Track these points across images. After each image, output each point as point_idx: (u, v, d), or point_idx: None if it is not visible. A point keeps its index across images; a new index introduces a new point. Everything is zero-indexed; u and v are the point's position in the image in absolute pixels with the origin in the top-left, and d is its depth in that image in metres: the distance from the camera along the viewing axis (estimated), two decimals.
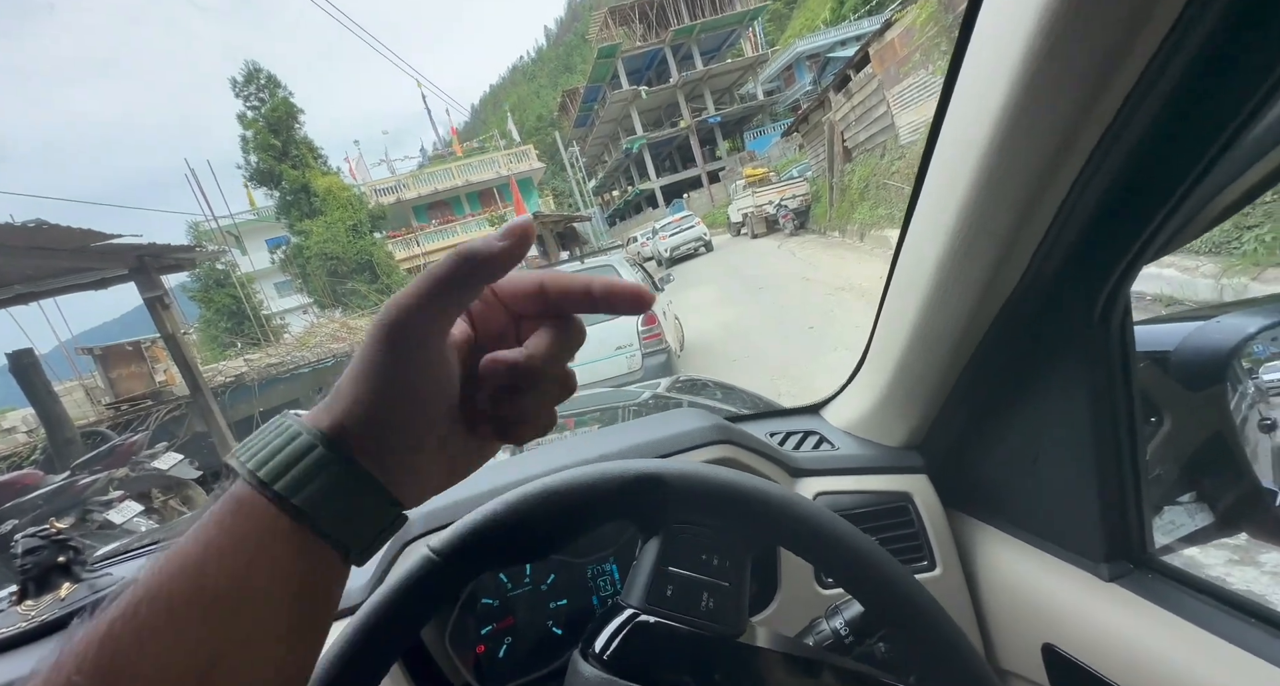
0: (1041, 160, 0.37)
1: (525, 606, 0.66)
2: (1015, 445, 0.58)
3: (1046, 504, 0.57)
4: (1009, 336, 0.51)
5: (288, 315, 19.42)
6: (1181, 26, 0.30)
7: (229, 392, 5.79)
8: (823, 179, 13.05)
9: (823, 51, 27.57)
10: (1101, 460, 0.49)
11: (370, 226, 18.13)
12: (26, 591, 0.54)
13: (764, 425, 0.84)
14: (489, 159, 26.73)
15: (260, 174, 17.45)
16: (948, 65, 0.41)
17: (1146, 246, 0.41)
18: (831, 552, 0.38)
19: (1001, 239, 0.43)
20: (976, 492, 0.66)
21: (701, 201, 30.08)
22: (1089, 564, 0.52)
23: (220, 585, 0.22)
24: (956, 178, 0.42)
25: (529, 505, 0.39)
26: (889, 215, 8.85)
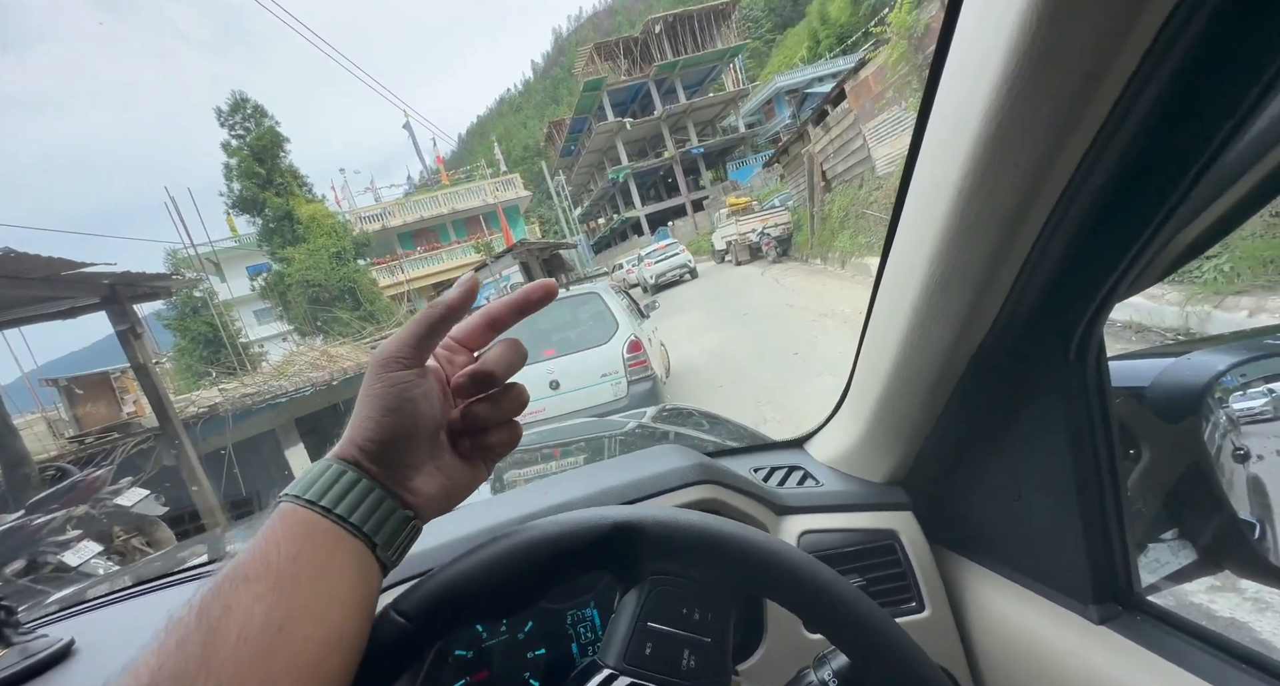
0: (1011, 203, 0.38)
1: (502, 657, 0.63)
2: (998, 482, 0.58)
3: (1032, 542, 0.56)
4: (987, 374, 0.51)
5: (267, 343, 19.06)
6: (1144, 72, 0.30)
7: (201, 424, 5.60)
8: (804, 208, 13.39)
9: (801, 87, 28.72)
10: (1084, 498, 0.49)
11: (354, 253, 18.05)
12: None
13: (748, 460, 0.82)
14: (475, 187, 27.00)
15: (243, 201, 17.36)
16: (919, 104, 0.42)
17: (1117, 286, 0.42)
18: (815, 603, 0.37)
19: (975, 280, 0.43)
20: (963, 530, 0.66)
21: (686, 229, 30.62)
22: (1078, 606, 0.51)
23: (283, 567, 0.29)
24: (929, 220, 0.43)
25: (499, 560, 0.37)
26: (869, 243, 9.08)
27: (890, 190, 8.89)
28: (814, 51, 34.23)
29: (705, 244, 22.76)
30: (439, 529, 0.63)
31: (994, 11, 0.32)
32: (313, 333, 15.84)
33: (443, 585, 0.36)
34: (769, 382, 5.21)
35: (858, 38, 25.24)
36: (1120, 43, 0.29)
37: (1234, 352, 0.52)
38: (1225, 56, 0.30)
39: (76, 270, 3.95)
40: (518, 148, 76.89)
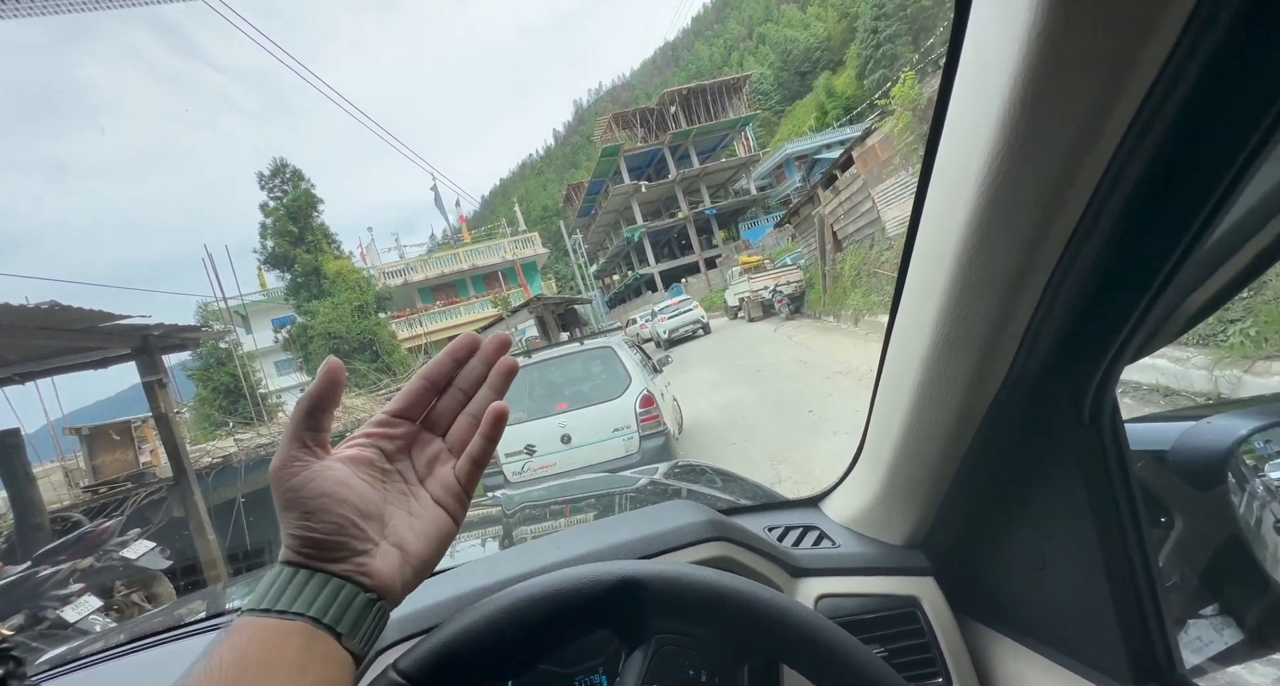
0: (1010, 266, 0.39)
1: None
2: (1020, 548, 0.56)
3: (1061, 614, 0.53)
4: (1000, 436, 0.50)
5: (284, 394, 19.31)
6: (1140, 124, 0.31)
7: (214, 475, 5.59)
8: (816, 267, 13.61)
9: (810, 153, 29.97)
10: (1111, 567, 0.47)
11: (376, 307, 18.57)
12: None
13: (762, 519, 0.80)
14: (495, 244, 28.01)
15: (275, 257, 18.17)
16: (918, 176, 0.44)
17: (1125, 347, 0.42)
18: (834, 670, 0.35)
19: (981, 340, 0.44)
20: (988, 599, 0.63)
21: (699, 286, 31.15)
22: (1115, 685, 0.48)
23: (225, 672, 0.29)
24: (932, 283, 0.44)
25: (505, 616, 0.36)
26: (882, 302, 9.13)
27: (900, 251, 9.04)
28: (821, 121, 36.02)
29: (718, 300, 23.05)
30: (446, 584, 0.62)
31: (984, 87, 0.34)
32: None
33: (443, 643, 0.36)
34: (783, 441, 5.10)
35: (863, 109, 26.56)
36: (1109, 108, 0.30)
37: (1255, 417, 0.52)
38: (1215, 123, 0.31)
39: (113, 322, 4.12)
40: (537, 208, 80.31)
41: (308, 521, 0.33)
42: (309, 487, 0.34)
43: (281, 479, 0.34)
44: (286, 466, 0.35)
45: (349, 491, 0.35)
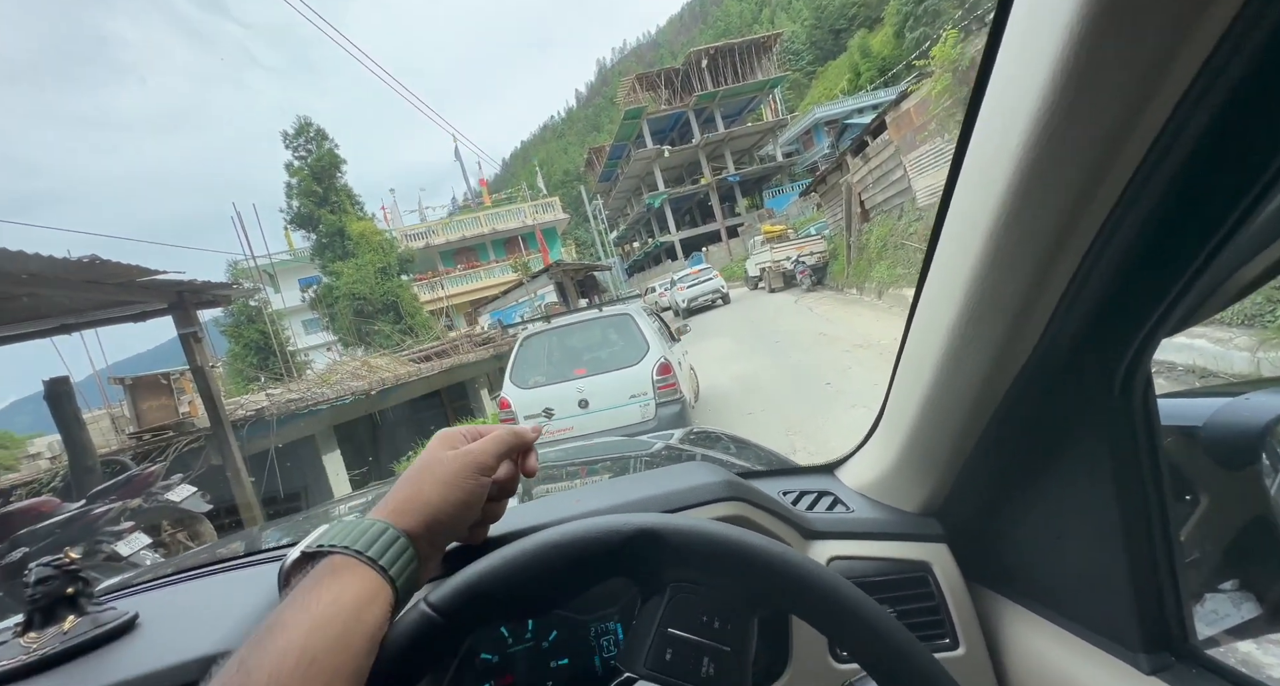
0: (1051, 230, 0.38)
1: (526, 664, 0.64)
2: (1038, 519, 0.56)
3: (1075, 584, 0.54)
4: (1026, 406, 0.50)
5: (312, 352, 19.87)
6: (1202, 83, 0.29)
7: (248, 426, 5.86)
8: (840, 237, 13.26)
9: (840, 118, 28.76)
10: (1131, 539, 0.47)
11: (398, 269, 18.78)
12: (32, 622, 0.54)
13: (777, 483, 0.82)
14: (516, 209, 27.85)
15: (300, 217, 18.39)
16: (958, 135, 0.43)
17: (1165, 318, 0.41)
18: (841, 622, 0.36)
19: (1012, 308, 0.43)
20: (1000, 567, 0.63)
21: (720, 255, 30.68)
22: (1126, 653, 0.49)
23: (321, 610, 0.33)
24: (966, 247, 0.43)
25: (528, 559, 0.38)
26: (907, 275, 8.90)
27: (930, 222, 8.73)
28: (854, 84, 34.36)
29: (739, 270, 22.72)
30: None
31: (1036, 39, 0.32)
32: (355, 344, 16.44)
33: (470, 581, 0.38)
34: (800, 412, 5.10)
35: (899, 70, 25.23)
36: (1170, 63, 0.28)
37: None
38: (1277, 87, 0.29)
39: (150, 277, 4.26)
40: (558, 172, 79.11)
41: (459, 511, 0.44)
42: (483, 492, 0.46)
43: (477, 470, 0.45)
44: (485, 467, 0.46)
45: (477, 512, 0.46)
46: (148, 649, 0.55)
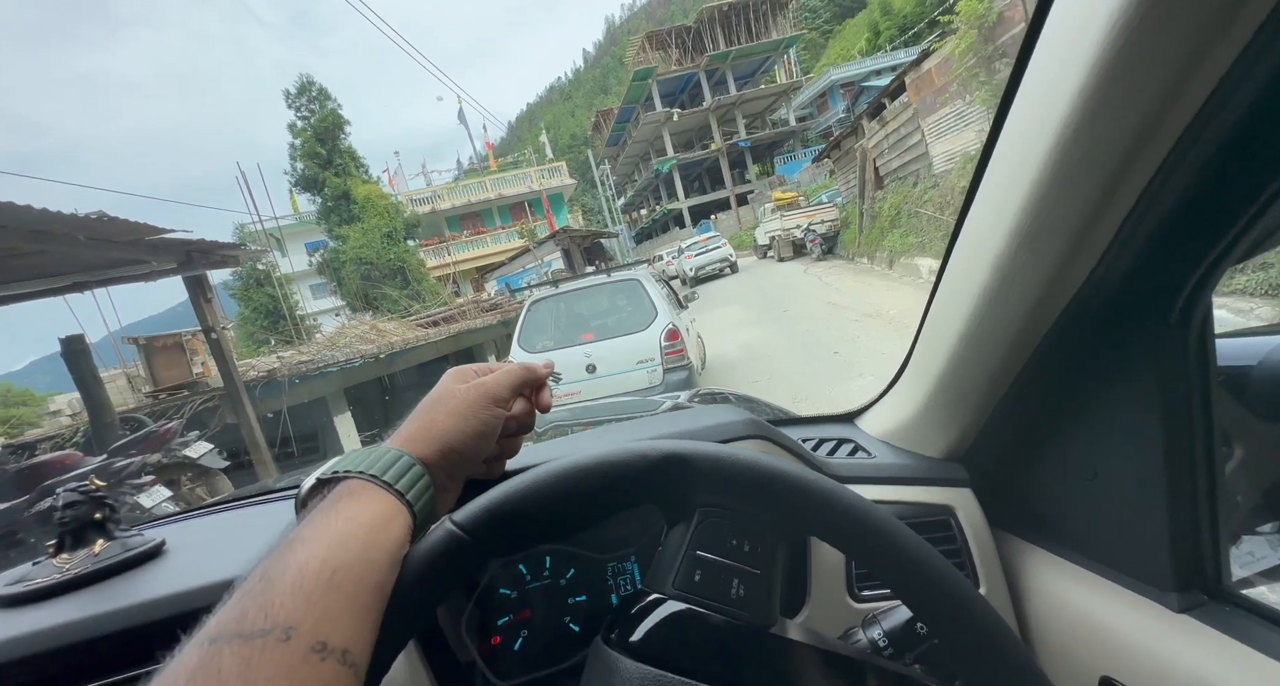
0: (1123, 146, 0.35)
1: (543, 600, 0.64)
2: (1070, 460, 0.55)
3: (1105, 525, 0.53)
4: (1072, 339, 0.48)
5: (321, 316, 19.99)
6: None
7: (260, 387, 5.95)
8: (852, 205, 12.99)
9: (857, 80, 27.73)
10: (1172, 479, 0.46)
11: (404, 234, 18.66)
12: (63, 544, 0.55)
13: (796, 431, 0.81)
14: (522, 174, 27.42)
15: (305, 180, 18.19)
16: (1020, 47, 0.40)
17: (1234, 245, 0.39)
18: (874, 547, 0.35)
19: (1072, 230, 0.40)
20: (1025, 511, 0.63)
21: (729, 223, 30.23)
22: (1155, 593, 0.48)
23: (340, 527, 0.33)
24: (1024, 165, 0.41)
25: (556, 482, 0.37)
26: (920, 243, 8.73)
27: (947, 190, 8.50)
28: (873, 43, 32.98)
29: (747, 239, 22.41)
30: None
31: None
32: (363, 309, 16.51)
33: (496, 501, 0.37)
34: (807, 381, 5.10)
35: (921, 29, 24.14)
36: None
37: None
38: None
39: (159, 236, 4.24)
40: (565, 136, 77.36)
41: (474, 441, 0.43)
42: (497, 423, 0.45)
43: (493, 401, 0.45)
44: (501, 400, 0.45)
45: (492, 444, 0.46)
46: (174, 572, 0.56)
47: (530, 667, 0.61)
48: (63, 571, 0.52)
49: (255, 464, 5.35)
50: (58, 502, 0.55)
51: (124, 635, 0.50)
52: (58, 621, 0.49)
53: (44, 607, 0.51)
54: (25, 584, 0.52)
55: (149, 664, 0.49)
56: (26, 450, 4.99)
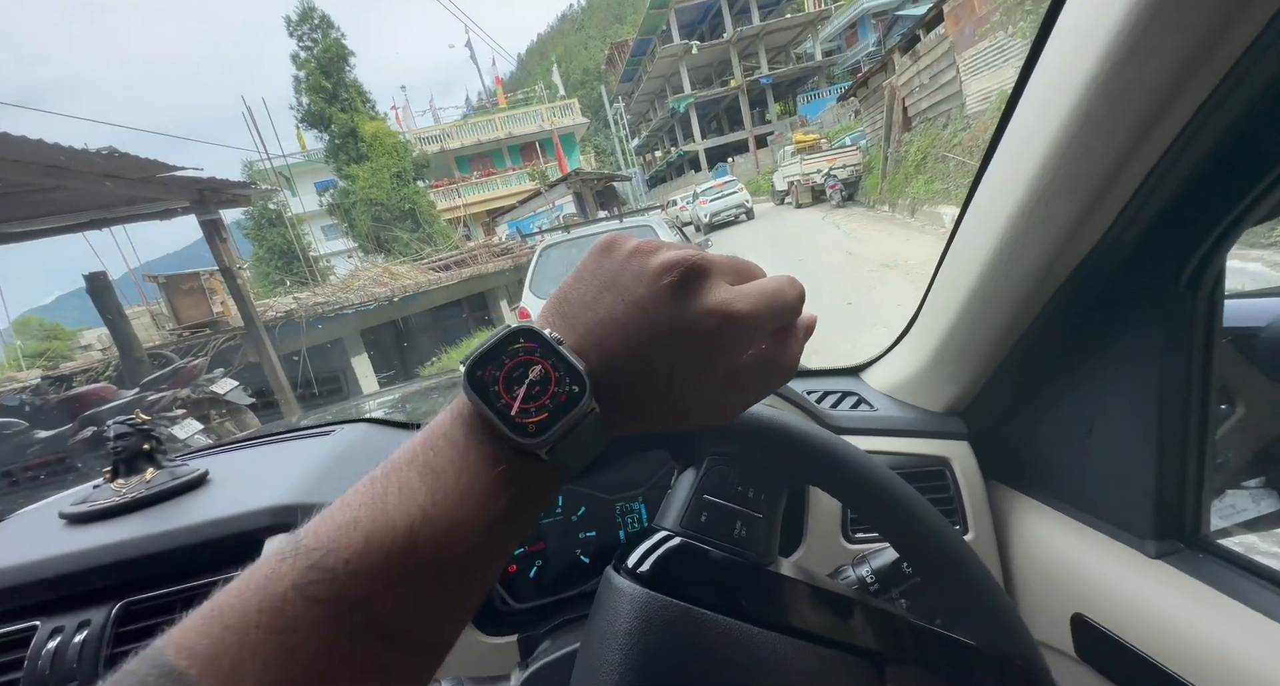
0: (1155, 97, 0.34)
1: (556, 534, 0.69)
2: (1069, 415, 0.56)
3: (1095, 478, 0.55)
4: (1081, 298, 0.48)
5: (333, 258, 20.03)
6: None
7: (279, 328, 6.09)
8: (877, 149, 12.39)
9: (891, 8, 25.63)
10: (1165, 434, 0.47)
11: (414, 175, 18.29)
12: (118, 471, 0.60)
13: (802, 384, 0.83)
14: (532, 112, 26.36)
15: (311, 115, 17.68)
16: None
17: (1253, 208, 0.38)
18: (862, 492, 0.38)
19: (1092, 186, 0.40)
20: (1019, 463, 0.65)
21: (746, 167, 29.12)
22: (1133, 540, 0.51)
23: (434, 461, 0.25)
24: (1047, 119, 0.39)
25: None
26: (945, 190, 8.39)
27: (978, 131, 8.06)
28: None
29: (765, 184, 21.66)
30: None
31: None
32: (375, 251, 16.48)
33: None
34: (819, 333, 4.89)
35: None
36: None
37: None
38: None
39: (170, 172, 4.22)
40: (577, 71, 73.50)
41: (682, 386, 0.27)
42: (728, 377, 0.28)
43: (726, 334, 0.26)
44: (743, 338, 0.27)
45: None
46: (219, 499, 0.61)
47: (544, 593, 0.66)
48: (120, 495, 0.57)
49: (280, 402, 5.56)
50: (109, 433, 0.59)
51: (178, 552, 0.55)
52: (122, 538, 0.54)
53: (107, 526, 0.57)
54: (90, 504, 0.58)
55: (200, 578, 0.54)
56: (64, 382, 5.23)
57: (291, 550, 0.22)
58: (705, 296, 0.27)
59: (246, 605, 0.21)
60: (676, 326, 0.26)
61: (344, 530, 0.22)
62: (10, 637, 0.51)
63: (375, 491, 0.24)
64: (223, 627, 0.20)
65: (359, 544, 0.22)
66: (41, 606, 0.53)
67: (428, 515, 0.23)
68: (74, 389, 4.37)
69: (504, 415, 0.25)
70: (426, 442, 0.25)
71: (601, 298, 0.27)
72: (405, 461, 0.25)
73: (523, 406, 0.25)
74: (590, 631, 0.39)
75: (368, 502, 0.23)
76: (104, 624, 0.51)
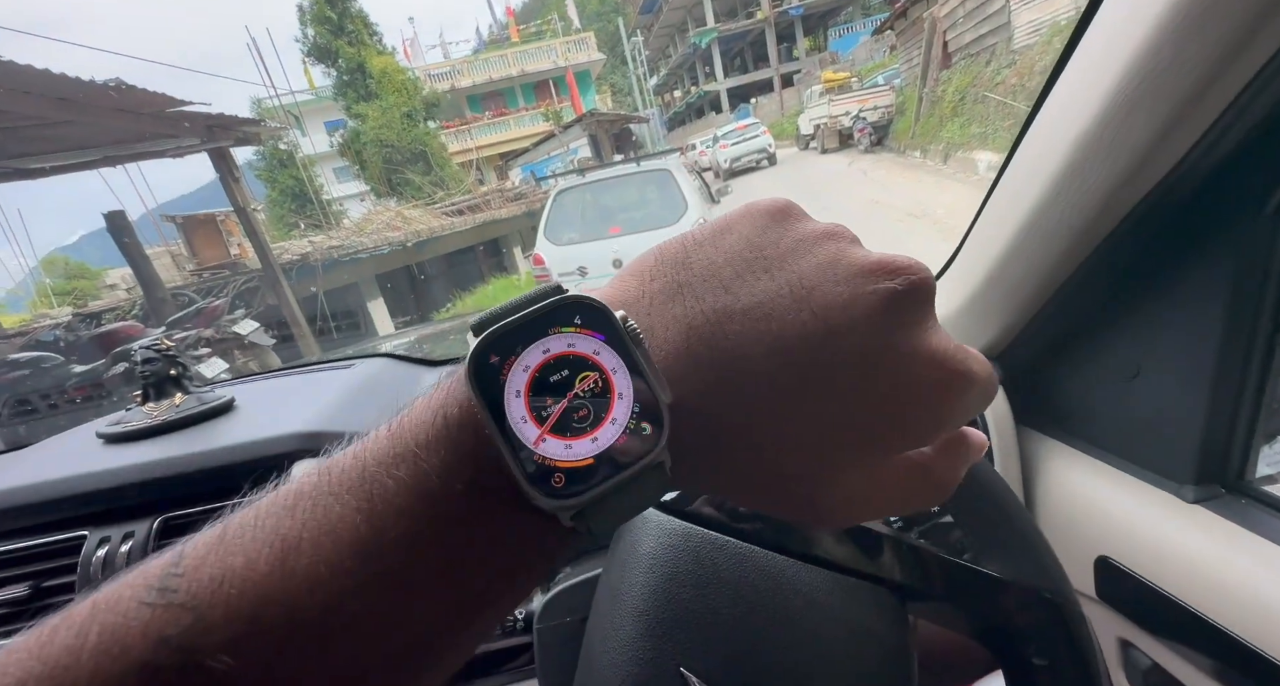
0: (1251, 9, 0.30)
1: None
2: (1114, 358, 0.54)
3: (1136, 423, 0.53)
4: (1147, 228, 0.44)
5: (346, 201, 19.88)
6: None
7: (295, 271, 6.13)
8: (911, 88, 11.65)
9: None
10: (1221, 375, 0.45)
11: (425, 114, 17.78)
12: (148, 395, 0.61)
13: None
14: (546, 47, 25.10)
15: (318, 49, 17.08)
16: None
17: None
18: None
19: (1176, 99, 0.35)
20: (1054, 409, 0.63)
21: (770, 108, 27.71)
22: (1170, 485, 0.50)
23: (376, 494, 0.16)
24: (1137, 19, 0.35)
25: None
26: (982, 135, 7.92)
27: (1023, 68, 7.49)
28: None
29: (789, 127, 20.66)
30: None
31: None
32: (387, 194, 16.30)
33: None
34: None
35: None
36: None
37: None
38: None
39: (179, 108, 4.13)
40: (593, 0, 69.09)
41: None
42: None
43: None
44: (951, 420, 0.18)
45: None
46: (245, 424, 0.62)
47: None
48: (152, 418, 0.59)
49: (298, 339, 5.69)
50: (136, 358, 0.60)
51: (211, 473, 0.57)
52: (157, 457, 0.56)
53: (142, 446, 0.59)
54: (123, 426, 0.59)
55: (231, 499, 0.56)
56: (94, 319, 5.40)
57: (159, 585, 0.14)
58: (932, 334, 0.17)
59: (72, 680, 0.13)
60: (871, 361, 0.16)
61: (220, 584, 0.14)
62: (63, 544, 0.54)
63: (280, 535, 0.14)
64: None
65: (243, 613, 0.14)
66: (87, 518, 0.55)
67: (344, 590, 0.14)
68: (103, 326, 4.50)
69: (517, 444, 0.15)
70: (384, 456, 0.15)
71: (749, 277, 0.17)
72: (342, 483, 0.15)
73: (553, 436, 0.15)
74: (613, 555, 0.40)
75: (274, 550, 0.14)
76: (146, 536, 0.54)
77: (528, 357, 0.16)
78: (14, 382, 3.75)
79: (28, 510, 0.54)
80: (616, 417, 0.16)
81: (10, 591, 0.52)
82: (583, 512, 0.16)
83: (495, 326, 0.16)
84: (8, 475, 0.58)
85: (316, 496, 0.15)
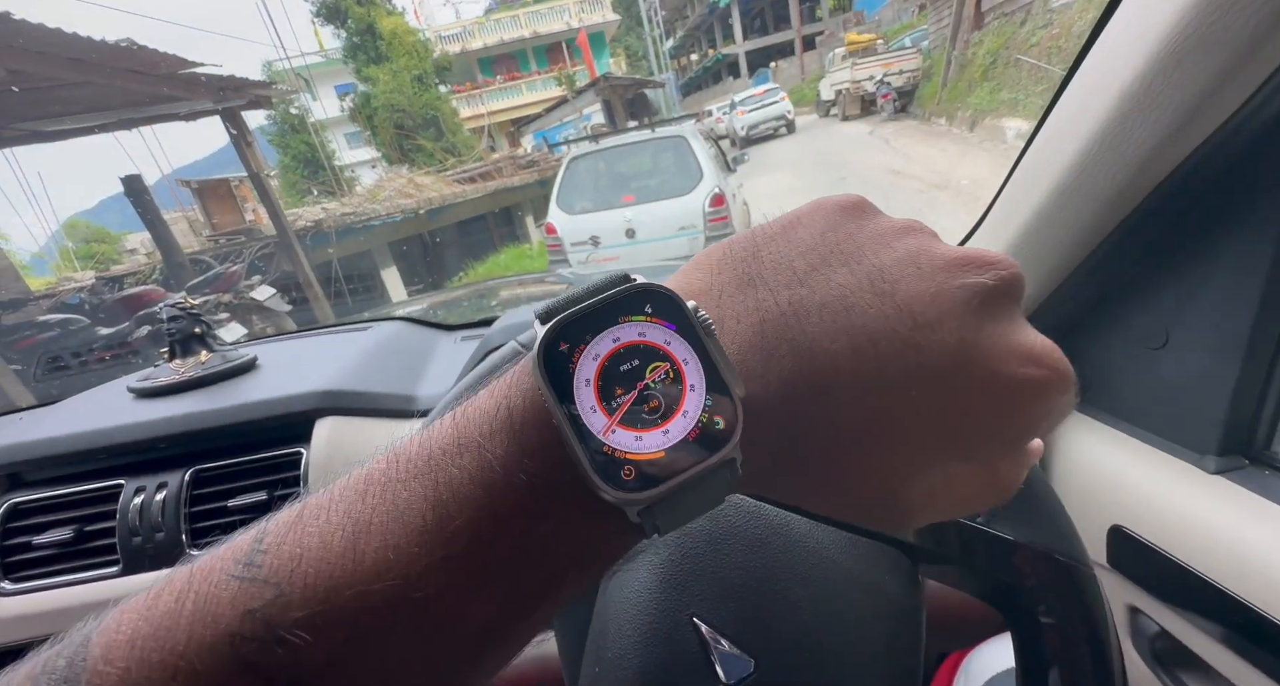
0: None
1: None
2: (1142, 327, 0.53)
3: (1160, 392, 0.53)
4: (1186, 192, 0.42)
5: (358, 168, 19.78)
6: None
7: (309, 237, 6.16)
8: (940, 51, 11.13)
9: None
10: (1254, 345, 0.44)
11: (435, 78, 17.47)
12: (174, 352, 0.62)
13: None
14: (559, 7, 24.28)
15: (327, 9, 16.73)
16: None
17: None
18: None
19: (1238, 43, 0.33)
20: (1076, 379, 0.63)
21: (790, 73, 26.74)
22: (1191, 455, 0.49)
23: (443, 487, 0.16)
24: None
25: None
26: (1012, 101, 7.59)
27: (1063, 31, 7.11)
28: None
29: (809, 93, 19.96)
30: None
31: None
32: (399, 161, 16.17)
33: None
34: None
35: None
36: None
37: None
38: None
39: (190, 70, 4.09)
40: None
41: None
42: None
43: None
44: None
45: None
46: (268, 381, 0.64)
47: None
48: (179, 374, 0.60)
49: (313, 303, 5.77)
50: (162, 315, 0.61)
51: (238, 427, 0.59)
52: (187, 410, 0.58)
53: (169, 401, 0.60)
54: (152, 381, 0.61)
55: (257, 453, 0.58)
56: (116, 283, 5.51)
57: (245, 560, 0.15)
58: (1024, 330, 0.17)
59: (173, 641, 0.14)
60: (961, 357, 0.15)
61: (307, 567, 0.15)
62: (101, 492, 0.57)
63: (353, 519, 0.15)
64: (142, 656, 0.14)
65: (318, 592, 0.14)
66: (122, 469, 0.58)
67: (409, 576, 0.14)
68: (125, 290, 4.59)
69: (585, 434, 0.15)
70: (449, 445, 0.16)
71: (825, 270, 0.16)
72: (409, 470, 0.16)
73: (623, 427, 0.15)
74: None
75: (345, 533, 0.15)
76: (179, 486, 0.56)
77: (597, 346, 0.15)
78: (44, 343, 3.88)
79: (67, 459, 0.57)
80: (688, 410, 0.15)
81: (57, 533, 0.55)
82: (650, 508, 0.15)
83: (565, 313, 0.16)
84: (45, 426, 0.60)
85: (386, 482, 0.15)
